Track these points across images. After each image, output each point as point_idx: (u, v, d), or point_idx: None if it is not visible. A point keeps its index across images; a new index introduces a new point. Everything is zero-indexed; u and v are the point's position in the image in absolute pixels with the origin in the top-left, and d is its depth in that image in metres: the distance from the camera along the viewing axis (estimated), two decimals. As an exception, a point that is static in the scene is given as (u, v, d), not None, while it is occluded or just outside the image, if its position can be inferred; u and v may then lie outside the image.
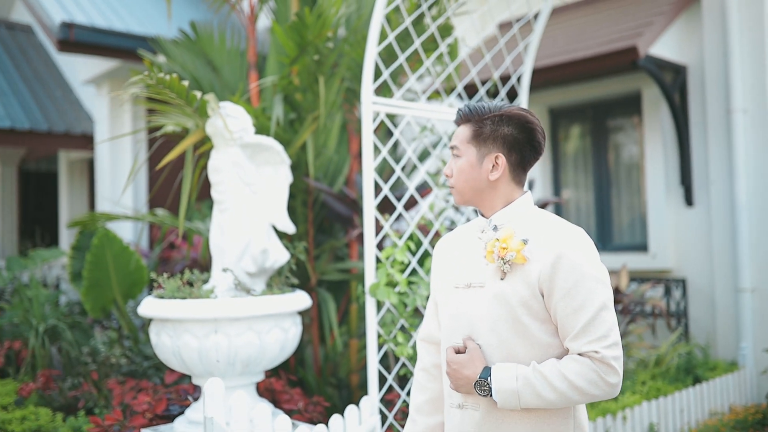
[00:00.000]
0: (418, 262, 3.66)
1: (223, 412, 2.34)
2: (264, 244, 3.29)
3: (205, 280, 3.39)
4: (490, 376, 1.67)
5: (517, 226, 1.75)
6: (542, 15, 4.12)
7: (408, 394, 3.48)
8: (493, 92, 5.38)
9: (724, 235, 5.15)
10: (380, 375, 3.82)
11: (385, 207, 3.93)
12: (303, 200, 4.37)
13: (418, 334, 2.04)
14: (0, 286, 6.03)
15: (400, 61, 3.61)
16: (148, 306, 3.14)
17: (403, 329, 3.47)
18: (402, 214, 3.74)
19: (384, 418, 3.50)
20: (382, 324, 3.39)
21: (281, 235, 4.06)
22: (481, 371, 1.68)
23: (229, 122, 3.25)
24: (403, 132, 6.18)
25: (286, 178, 3.48)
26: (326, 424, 2.78)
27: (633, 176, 5.93)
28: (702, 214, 5.33)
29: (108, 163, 7.30)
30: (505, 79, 5.19)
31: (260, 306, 3.07)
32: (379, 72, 4.07)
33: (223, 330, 3.02)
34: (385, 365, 3.82)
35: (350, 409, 2.82)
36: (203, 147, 3.69)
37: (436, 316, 1.97)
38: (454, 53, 4.51)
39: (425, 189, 4.25)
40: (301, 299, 3.29)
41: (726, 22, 5.11)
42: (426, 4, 3.76)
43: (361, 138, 3.55)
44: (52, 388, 4.14)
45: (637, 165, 5.89)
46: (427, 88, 5.43)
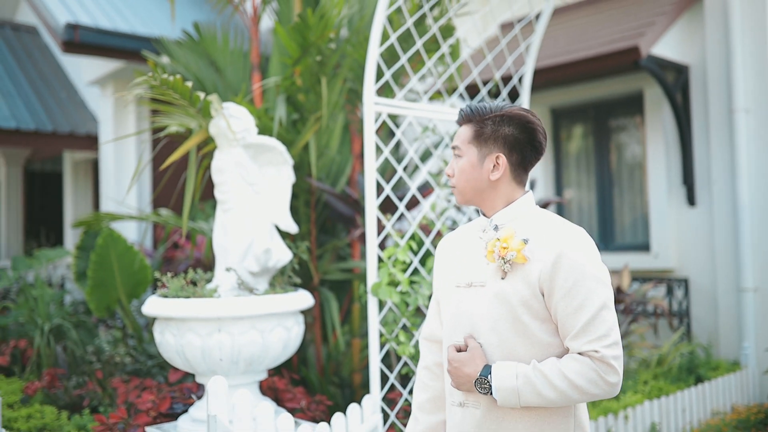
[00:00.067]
0: (420, 261, 3.68)
1: (227, 411, 2.36)
2: (267, 244, 3.31)
3: (209, 280, 3.41)
4: (491, 374, 1.68)
5: (518, 226, 1.76)
6: (544, 15, 4.13)
7: (410, 392, 3.49)
8: (494, 92, 5.38)
9: (726, 234, 5.15)
10: (382, 374, 3.84)
11: (387, 207, 3.94)
12: (305, 200, 4.39)
13: (421, 333, 2.06)
14: (5, 286, 6.06)
15: (402, 61, 3.62)
16: (152, 305, 3.16)
17: (405, 328, 3.48)
18: (404, 214, 3.75)
19: (386, 417, 3.52)
20: (384, 323, 3.41)
21: (284, 235, 4.08)
22: (482, 369, 1.69)
23: (233, 123, 3.26)
24: (405, 132, 6.19)
25: (289, 178, 3.50)
26: (329, 423, 2.80)
27: (635, 176, 5.93)
28: (704, 214, 5.33)
29: (112, 164, 7.33)
30: (506, 80, 5.20)
31: (263, 305, 3.09)
32: (381, 73, 4.08)
33: (227, 329, 3.03)
34: (387, 364, 3.84)
35: (352, 407, 2.84)
36: (207, 147, 3.71)
37: (439, 315, 1.98)
38: (456, 54, 4.52)
39: (427, 189, 4.26)
40: (304, 298, 3.31)
41: (728, 21, 5.11)
42: (428, 5, 3.77)
43: (363, 138, 3.56)
44: (57, 386, 4.16)
45: (639, 165, 5.89)
46: (429, 88, 5.44)
